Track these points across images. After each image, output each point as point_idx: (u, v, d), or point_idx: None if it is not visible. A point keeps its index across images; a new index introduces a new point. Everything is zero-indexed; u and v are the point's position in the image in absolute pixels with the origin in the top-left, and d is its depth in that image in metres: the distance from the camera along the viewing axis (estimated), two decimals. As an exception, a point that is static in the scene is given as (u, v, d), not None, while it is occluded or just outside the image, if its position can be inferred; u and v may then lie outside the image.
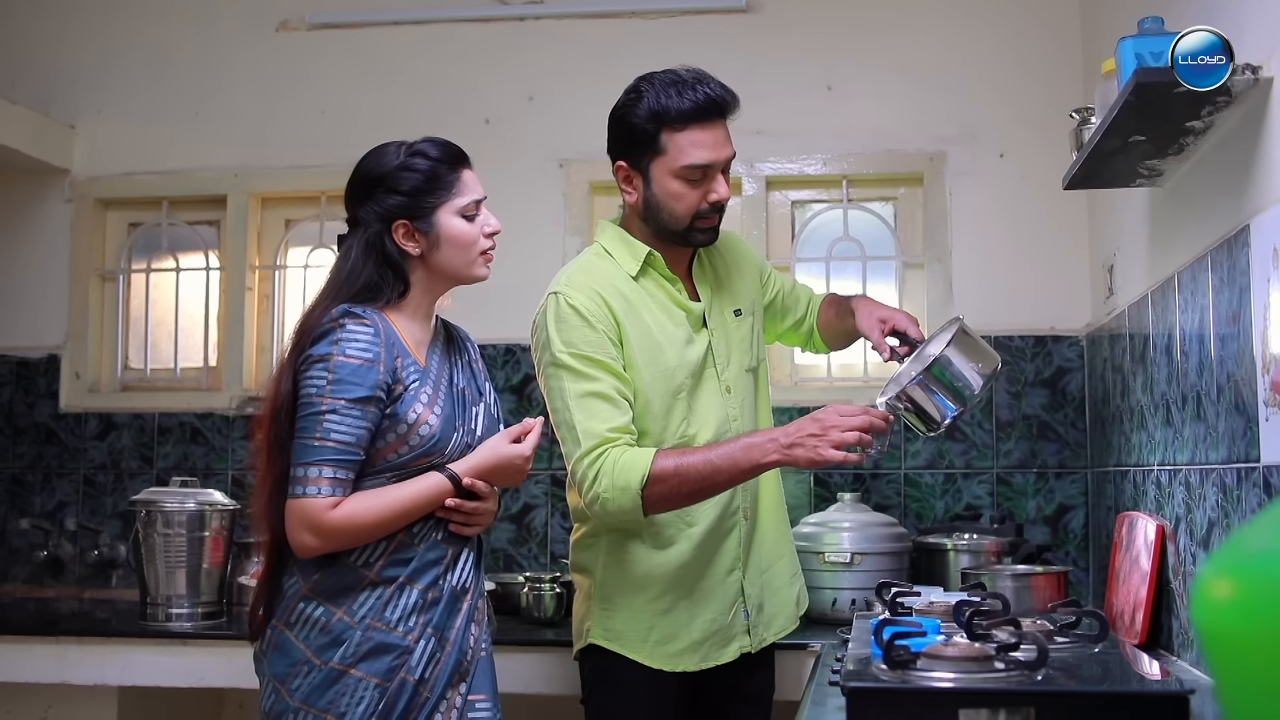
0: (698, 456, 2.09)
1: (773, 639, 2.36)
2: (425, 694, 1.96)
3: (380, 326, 1.96)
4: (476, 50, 3.60)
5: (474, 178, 2.09)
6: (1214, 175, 2.04)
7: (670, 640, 2.24)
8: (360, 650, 1.93)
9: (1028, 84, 3.36)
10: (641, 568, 2.25)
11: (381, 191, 2.02)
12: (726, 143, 2.20)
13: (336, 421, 1.90)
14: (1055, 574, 2.66)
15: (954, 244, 3.37)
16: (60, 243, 3.72)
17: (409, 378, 1.97)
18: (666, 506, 2.14)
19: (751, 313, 2.39)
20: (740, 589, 2.29)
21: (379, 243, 2.01)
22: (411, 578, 1.98)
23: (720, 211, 2.24)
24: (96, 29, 3.77)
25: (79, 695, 2.95)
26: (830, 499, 3.16)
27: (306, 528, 1.91)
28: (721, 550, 2.27)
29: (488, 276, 2.12)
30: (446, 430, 2.00)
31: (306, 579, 1.96)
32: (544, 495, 3.42)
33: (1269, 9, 1.78)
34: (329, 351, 1.93)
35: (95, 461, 3.63)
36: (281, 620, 1.97)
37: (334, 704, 1.91)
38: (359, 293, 1.99)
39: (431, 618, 1.98)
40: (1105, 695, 1.62)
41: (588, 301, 2.17)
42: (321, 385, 1.91)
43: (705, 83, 2.17)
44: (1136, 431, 2.60)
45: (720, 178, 2.21)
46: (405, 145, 2.07)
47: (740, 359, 2.32)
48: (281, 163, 3.63)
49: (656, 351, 2.22)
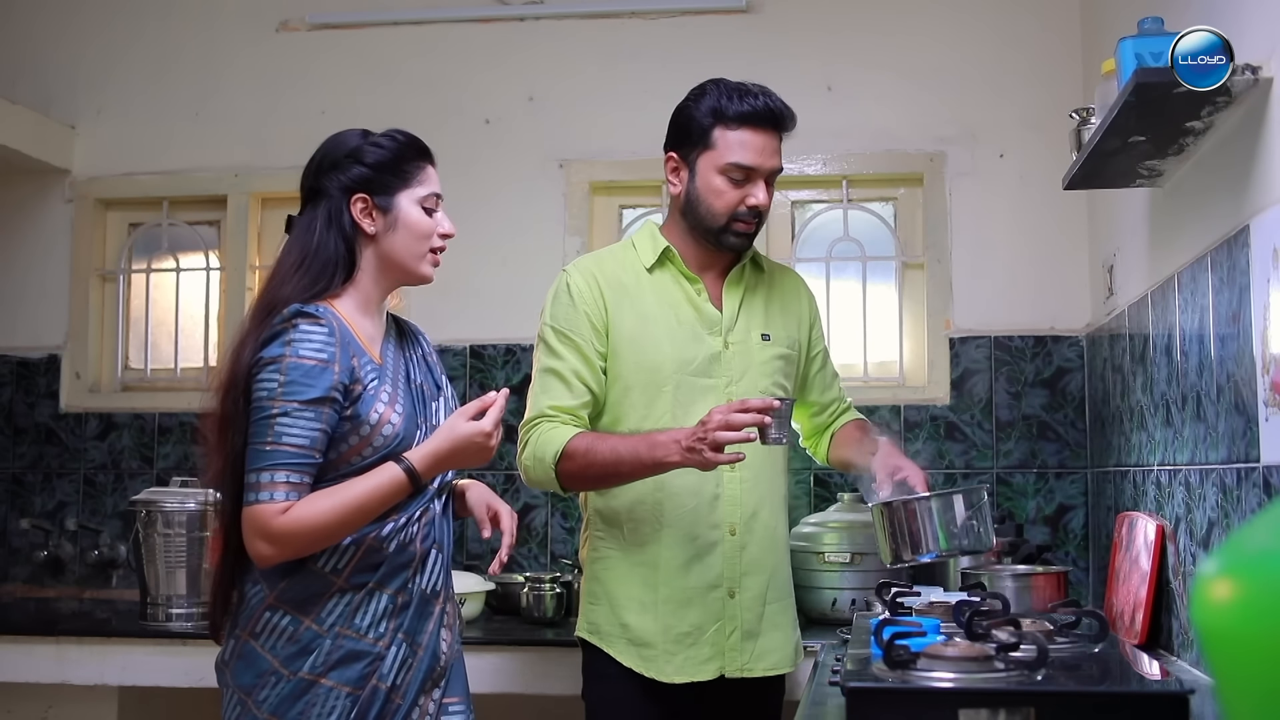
0: (609, 444, 2.16)
1: (761, 673, 2.28)
2: (398, 700, 1.91)
3: (335, 325, 1.89)
4: (476, 50, 3.60)
5: (436, 175, 2.04)
6: (1214, 175, 2.04)
7: (644, 644, 2.23)
8: (330, 659, 1.87)
9: (1028, 84, 3.36)
10: (619, 565, 2.27)
11: (347, 162, 1.97)
12: (775, 154, 2.26)
13: (288, 425, 1.83)
14: (1055, 574, 2.66)
15: (954, 244, 3.37)
16: (60, 243, 3.72)
17: (367, 377, 1.90)
18: (581, 485, 2.23)
19: (787, 346, 2.37)
20: (726, 609, 2.25)
21: (339, 214, 1.96)
22: (380, 583, 1.91)
23: (758, 219, 2.27)
24: (96, 29, 3.78)
25: (79, 695, 2.95)
26: (830, 499, 3.16)
27: (258, 535, 1.83)
28: (705, 562, 2.24)
29: (432, 279, 2.06)
30: (410, 428, 1.94)
31: (272, 587, 1.89)
32: (544, 495, 3.42)
33: (1269, 9, 1.78)
34: (281, 353, 1.85)
35: (95, 461, 3.63)
36: (246, 630, 1.90)
37: (304, 714, 1.85)
38: (323, 267, 1.93)
39: (402, 623, 1.92)
40: (1105, 695, 1.62)
41: (581, 282, 2.27)
42: (273, 388, 1.84)
43: (768, 95, 2.26)
44: (1136, 431, 2.60)
45: (762, 185, 2.25)
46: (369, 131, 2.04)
47: (758, 380, 2.29)
48: (281, 163, 3.62)
49: (647, 341, 2.25)
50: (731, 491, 2.25)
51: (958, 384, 3.32)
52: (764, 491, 2.29)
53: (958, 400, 3.32)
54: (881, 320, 3.47)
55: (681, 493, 2.23)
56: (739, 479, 2.26)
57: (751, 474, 2.26)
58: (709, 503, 2.24)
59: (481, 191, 3.54)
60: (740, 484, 2.26)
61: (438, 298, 3.35)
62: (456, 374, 3.45)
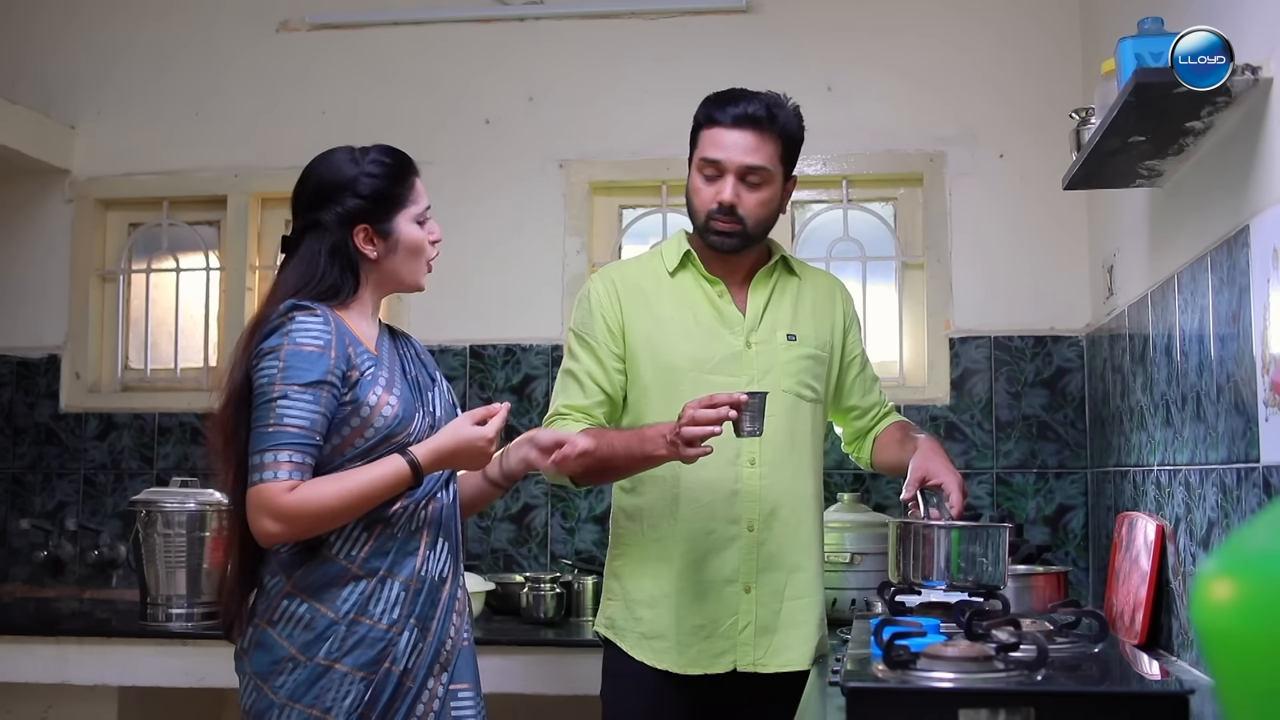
0: (608, 439, 2.19)
1: (775, 669, 2.27)
2: (409, 684, 1.97)
3: (329, 316, 1.97)
4: (476, 50, 3.60)
5: (423, 186, 2.11)
6: (1214, 175, 2.04)
7: (657, 636, 2.25)
8: (345, 645, 1.93)
9: (1028, 84, 3.36)
10: (636, 559, 2.29)
11: (345, 195, 2.03)
12: (748, 151, 2.26)
13: (288, 406, 1.90)
14: (1055, 574, 2.66)
15: (954, 244, 3.37)
16: (60, 243, 3.72)
17: (364, 364, 1.97)
18: (587, 478, 2.26)
19: (816, 347, 2.38)
20: (741, 604, 2.26)
21: (343, 246, 2.03)
22: (392, 569, 1.98)
23: (736, 219, 2.28)
24: (96, 29, 3.78)
25: (79, 695, 2.95)
26: (830, 499, 3.16)
27: (265, 512, 1.89)
28: (722, 556, 2.26)
29: (424, 287, 2.14)
30: (409, 410, 2.00)
31: (289, 575, 1.96)
32: (544, 495, 3.42)
33: (1269, 9, 1.78)
34: (279, 343, 1.93)
35: (95, 461, 3.63)
36: (264, 618, 1.97)
37: (320, 699, 1.92)
38: (322, 294, 2.01)
39: (414, 609, 1.98)
40: (1105, 695, 1.62)
41: (601, 289, 2.35)
42: (273, 374, 1.91)
43: (753, 96, 2.28)
44: (1136, 432, 2.60)
45: (732, 181, 2.26)
46: (357, 150, 2.09)
47: (782, 380, 2.30)
48: (281, 163, 3.62)
49: (662, 341, 2.30)
50: (750, 487, 2.27)
51: (958, 384, 3.32)
52: (784, 489, 2.29)
53: (958, 400, 3.32)
54: (881, 320, 3.47)
55: (698, 488, 2.26)
56: (758, 474, 2.27)
57: (771, 470, 2.28)
58: (726, 498, 2.26)
59: (481, 191, 3.54)
60: (759, 480, 2.27)
61: (438, 298, 3.36)
62: (456, 374, 3.45)
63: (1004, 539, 2.11)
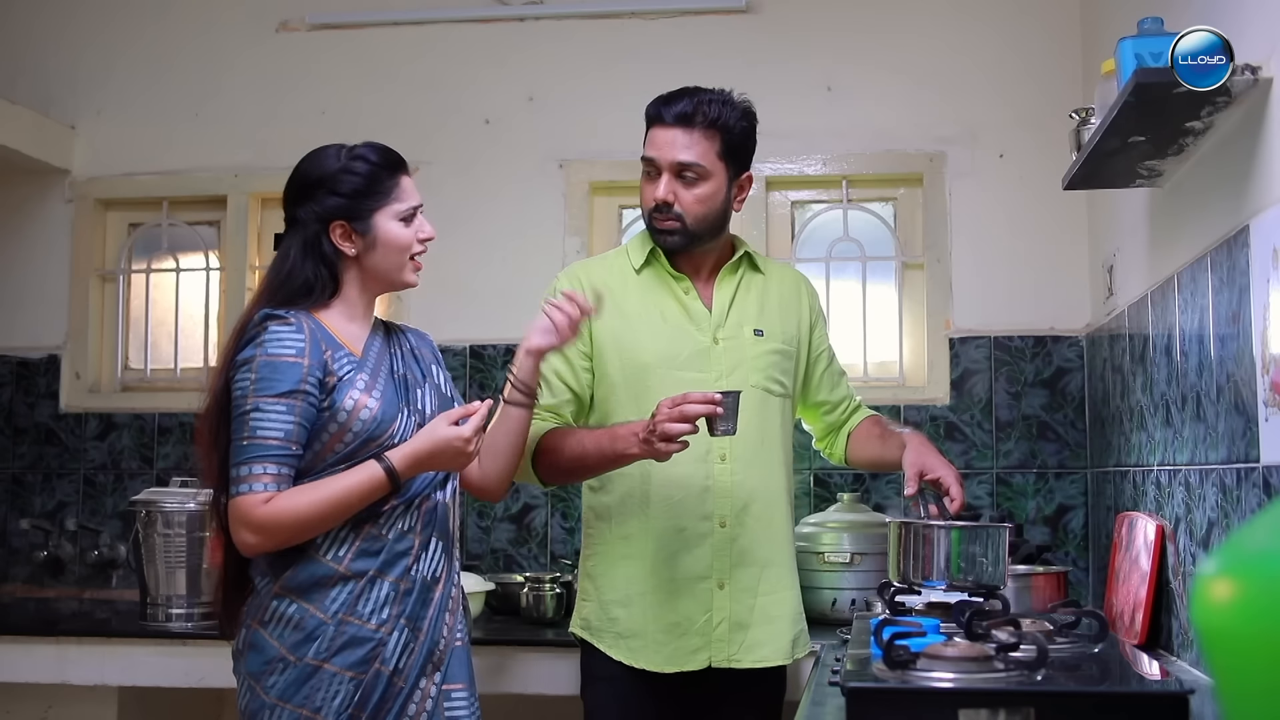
0: (577, 437, 2.22)
1: (750, 664, 2.27)
2: (400, 684, 1.97)
3: (304, 324, 1.98)
4: (476, 50, 3.60)
5: (412, 184, 2.11)
6: (1214, 175, 2.04)
7: (632, 635, 2.25)
8: (334, 645, 1.94)
9: (1028, 84, 3.36)
10: (609, 559, 2.30)
11: (322, 193, 2.04)
12: (679, 149, 2.26)
13: (261, 419, 1.92)
14: (1055, 574, 2.66)
15: (954, 244, 3.37)
16: (60, 243, 3.72)
17: (342, 369, 1.98)
18: (556, 477, 2.31)
19: (783, 342, 2.38)
20: (714, 600, 2.25)
21: (316, 242, 2.04)
22: (382, 570, 1.98)
23: (674, 215, 2.27)
24: (96, 29, 3.77)
25: (79, 695, 2.95)
26: (830, 499, 3.16)
27: (242, 525, 1.92)
28: (694, 553, 2.26)
29: (417, 284, 2.14)
30: (389, 411, 2.00)
31: (276, 576, 1.98)
32: (544, 495, 3.42)
33: (1269, 9, 1.78)
34: (252, 354, 1.95)
35: (95, 462, 3.63)
36: (256, 619, 1.99)
37: (309, 699, 1.93)
38: (295, 291, 2.02)
39: (404, 609, 1.99)
40: (1105, 695, 1.62)
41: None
42: (246, 387, 1.94)
43: (688, 93, 2.29)
44: (1136, 432, 2.61)
45: (665, 178, 2.27)
46: (345, 148, 2.09)
47: (750, 375, 2.30)
48: (281, 163, 3.56)
49: (629, 339, 2.30)
50: (722, 483, 2.26)
51: (957, 384, 3.32)
52: (756, 484, 2.29)
53: (957, 400, 3.32)
54: (881, 320, 3.47)
55: (669, 485, 2.25)
56: (729, 470, 2.27)
57: (742, 466, 2.27)
58: (698, 495, 2.26)
59: (481, 191, 3.54)
60: (731, 476, 2.27)
61: (438, 298, 3.36)
62: (457, 374, 3.45)
63: (1004, 539, 2.12)
